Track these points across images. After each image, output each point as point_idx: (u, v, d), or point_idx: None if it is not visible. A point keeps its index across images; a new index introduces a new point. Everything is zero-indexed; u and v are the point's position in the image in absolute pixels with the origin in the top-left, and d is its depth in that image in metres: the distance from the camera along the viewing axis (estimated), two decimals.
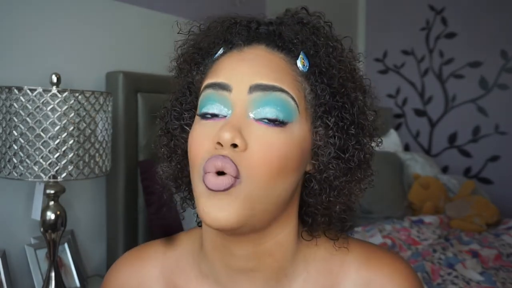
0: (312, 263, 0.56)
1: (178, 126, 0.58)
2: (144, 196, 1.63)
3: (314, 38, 0.53)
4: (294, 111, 0.49)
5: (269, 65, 0.51)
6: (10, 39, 1.38)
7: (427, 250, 1.69)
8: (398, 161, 2.43)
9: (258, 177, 0.47)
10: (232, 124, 0.47)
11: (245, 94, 0.49)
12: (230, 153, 0.47)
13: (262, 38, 0.53)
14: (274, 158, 0.47)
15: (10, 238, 1.38)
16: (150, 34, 1.80)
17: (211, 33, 0.57)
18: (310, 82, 0.52)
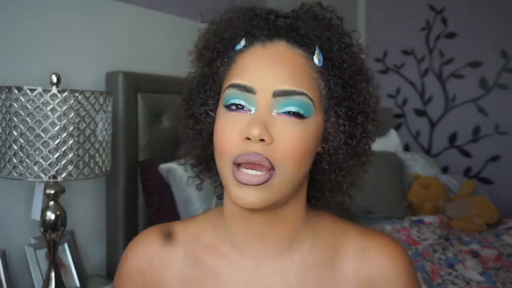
0: (318, 233, 0.64)
1: (203, 111, 0.63)
2: (144, 196, 1.63)
3: (328, 33, 0.58)
4: (311, 108, 0.56)
5: (290, 66, 0.56)
6: (10, 39, 1.38)
7: (427, 250, 1.69)
8: (398, 161, 2.43)
9: (287, 167, 0.54)
10: (259, 120, 0.53)
11: (269, 97, 0.55)
12: (259, 147, 0.53)
13: (282, 34, 0.58)
14: (297, 149, 0.54)
15: (10, 238, 1.38)
16: (150, 34, 1.80)
17: (233, 24, 0.61)
18: (324, 76, 0.58)
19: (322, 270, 0.62)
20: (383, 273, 0.62)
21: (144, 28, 1.78)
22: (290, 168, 0.54)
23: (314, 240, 0.63)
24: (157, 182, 1.59)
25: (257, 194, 0.54)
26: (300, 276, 0.61)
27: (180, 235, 0.67)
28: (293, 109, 0.54)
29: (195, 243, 0.66)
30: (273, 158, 0.53)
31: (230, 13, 0.63)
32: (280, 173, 0.54)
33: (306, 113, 0.55)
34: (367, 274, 0.62)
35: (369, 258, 0.62)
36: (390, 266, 0.62)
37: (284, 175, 0.54)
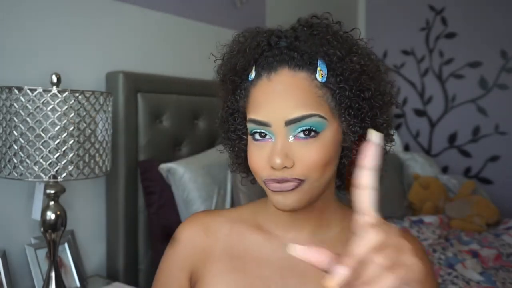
0: (345, 222, 0.72)
1: (237, 137, 0.73)
2: (144, 196, 1.63)
3: (325, 48, 0.63)
4: (323, 123, 0.62)
5: (294, 92, 0.62)
6: (10, 39, 1.38)
7: (427, 250, 1.69)
8: (398, 161, 2.43)
9: (313, 176, 0.62)
10: (279, 149, 0.61)
11: (283, 126, 0.62)
12: (283, 172, 0.61)
13: (284, 60, 0.63)
14: (318, 163, 0.61)
15: (10, 238, 1.38)
16: (150, 34, 1.80)
17: (242, 55, 0.67)
18: (330, 89, 0.63)
19: None
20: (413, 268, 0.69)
21: (144, 28, 1.78)
22: (316, 177, 0.62)
23: (342, 227, 0.72)
24: (157, 182, 1.59)
25: (292, 197, 0.62)
26: None
27: (226, 216, 0.77)
28: (307, 129, 0.61)
29: (240, 222, 0.76)
30: (298, 174, 0.61)
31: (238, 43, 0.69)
32: (308, 181, 0.62)
33: (319, 129, 0.62)
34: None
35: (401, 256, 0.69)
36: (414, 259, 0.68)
37: (312, 182, 0.62)
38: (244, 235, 0.74)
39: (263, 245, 0.72)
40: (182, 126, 1.77)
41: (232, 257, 0.72)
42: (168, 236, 1.54)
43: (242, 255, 0.72)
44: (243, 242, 0.73)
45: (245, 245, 0.73)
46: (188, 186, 1.53)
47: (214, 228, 0.76)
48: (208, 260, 0.74)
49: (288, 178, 0.61)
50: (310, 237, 0.71)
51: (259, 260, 0.71)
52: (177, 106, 1.74)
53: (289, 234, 0.72)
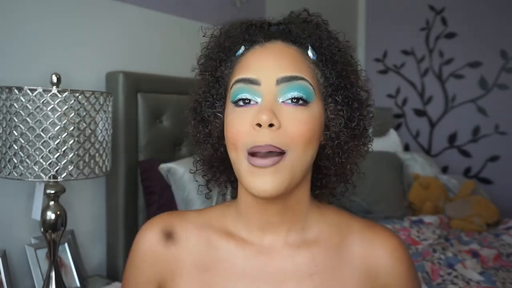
0: (323, 223, 0.69)
1: (212, 113, 0.68)
2: (144, 196, 1.63)
3: (318, 32, 0.65)
4: (312, 93, 0.61)
5: (289, 57, 0.62)
6: (11, 39, 1.38)
7: (427, 250, 1.69)
8: (398, 161, 2.43)
9: (296, 149, 0.59)
10: (267, 107, 0.58)
11: (273, 85, 0.60)
12: (269, 135, 0.57)
13: (277, 35, 0.65)
14: (305, 131, 0.59)
15: (10, 238, 1.38)
16: (150, 34, 1.80)
17: (231, 34, 0.67)
18: (319, 67, 0.64)
19: (327, 257, 0.67)
20: (385, 264, 0.67)
21: (144, 28, 1.78)
22: (300, 151, 0.59)
23: (320, 229, 0.68)
24: (157, 182, 1.59)
25: (271, 178, 0.58)
26: (308, 261, 0.66)
27: (193, 221, 0.71)
28: (296, 95, 0.60)
29: (208, 228, 0.70)
30: (283, 142, 0.58)
31: (228, 26, 0.69)
32: (291, 155, 0.59)
33: (308, 97, 0.60)
34: (370, 263, 0.67)
35: (373, 249, 0.67)
36: (391, 257, 0.67)
37: (294, 157, 0.59)
38: (214, 244, 0.68)
39: (235, 254, 0.66)
40: (182, 126, 1.76)
41: (202, 271, 0.67)
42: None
43: (212, 267, 0.66)
44: (213, 253, 0.67)
45: (215, 256, 0.67)
46: (188, 186, 1.53)
47: (180, 235, 0.69)
48: (176, 273, 0.68)
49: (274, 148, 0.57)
50: (286, 247, 0.66)
51: (232, 272, 0.66)
52: (177, 106, 1.74)
53: (263, 240, 0.67)
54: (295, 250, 0.66)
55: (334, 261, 0.66)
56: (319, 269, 0.65)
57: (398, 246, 0.68)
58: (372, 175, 2.07)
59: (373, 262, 0.67)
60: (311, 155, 0.62)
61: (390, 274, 0.66)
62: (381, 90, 3.22)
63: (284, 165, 0.58)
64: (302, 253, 0.66)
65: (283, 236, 0.67)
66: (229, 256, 0.67)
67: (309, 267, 0.65)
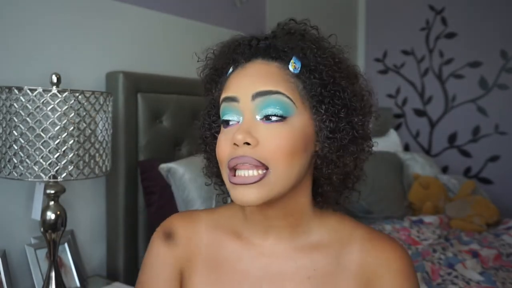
0: (325, 229, 0.71)
1: (210, 135, 0.72)
2: (144, 196, 1.63)
3: (301, 43, 0.65)
4: (291, 107, 0.62)
5: (266, 74, 0.63)
6: (10, 39, 1.38)
7: (427, 250, 1.69)
8: (398, 161, 2.43)
9: (279, 164, 0.60)
10: (243, 127, 0.61)
11: (250, 101, 0.62)
12: (246, 150, 0.60)
13: (259, 53, 0.66)
14: (284, 147, 0.60)
15: (10, 238, 1.38)
16: (150, 34, 1.80)
17: (222, 56, 0.70)
18: (302, 80, 0.64)
19: (326, 262, 0.68)
20: (382, 274, 0.67)
21: (144, 28, 1.78)
22: (283, 166, 0.60)
23: (322, 235, 0.70)
24: (157, 182, 1.59)
25: (252, 191, 0.60)
26: (308, 264, 0.68)
27: (204, 222, 0.75)
28: (271, 111, 0.61)
29: (218, 229, 0.74)
30: (263, 158, 0.60)
31: (221, 46, 0.71)
32: (275, 170, 0.60)
33: (286, 112, 0.61)
34: (368, 272, 0.67)
35: (372, 258, 0.68)
36: (389, 267, 0.67)
37: (279, 172, 0.61)
38: (223, 244, 0.72)
39: (241, 255, 0.71)
40: (182, 126, 1.77)
41: (212, 269, 0.71)
42: None
43: (221, 266, 0.71)
44: (221, 252, 0.72)
45: (223, 255, 0.72)
46: (188, 186, 1.53)
47: (195, 236, 0.74)
48: (191, 270, 0.73)
49: (249, 159, 0.59)
50: (288, 249, 0.69)
51: (238, 271, 0.70)
52: (177, 106, 1.74)
53: (267, 242, 0.70)
54: (296, 253, 0.69)
55: (333, 266, 0.68)
56: (317, 272, 0.68)
57: (398, 257, 0.68)
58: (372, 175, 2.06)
59: (370, 271, 0.67)
60: (299, 167, 0.63)
61: (386, 285, 0.66)
62: (381, 90, 3.22)
63: (268, 181, 0.60)
64: (303, 257, 0.69)
65: (286, 240, 0.69)
66: (235, 256, 0.71)
67: (308, 270, 0.68)
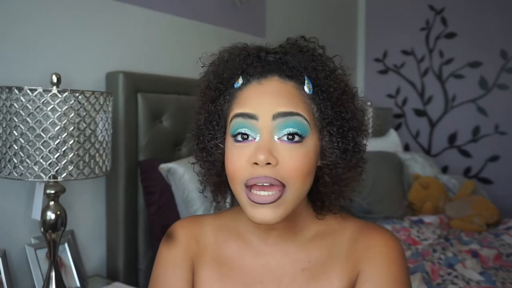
0: (321, 226, 0.75)
1: (214, 145, 0.72)
2: (144, 196, 1.63)
3: (314, 64, 0.67)
4: (307, 128, 0.64)
5: (285, 94, 0.64)
6: (10, 39, 1.38)
7: (427, 250, 1.69)
8: (398, 161, 2.43)
9: (295, 183, 0.63)
10: (264, 147, 0.62)
11: (270, 121, 0.63)
12: (267, 170, 0.61)
13: (274, 70, 0.66)
14: (301, 167, 0.62)
15: (10, 238, 1.38)
16: (150, 34, 1.80)
17: (229, 65, 0.69)
18: (315, 101, 0.66)
19: (319, 253, 0.73)
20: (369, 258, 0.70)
21: (144, 28, 1.78)
22: (298, 184, 0.63)
23: (317, 230, 0.74)
24: (157, 182, 1.59)
25: (272, 211, 0.62)
26: (303, 258, 0.73)
27: (210, 224, 0.79)
28: (291, 130, 0.62)
29: (223, 230, 0.78)
30: (282, 177, 0.62)
31: (226, 54, 0.71)
32: (290, 189, 0.63)
33: (303, 133, 0.63)
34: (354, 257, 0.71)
35: (360, 244, 0.71)
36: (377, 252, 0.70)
37: (294, 190, 0.63)
38: (228, 243, 0.76)
39: (244, 253, 0.75)
40: (182, 126, 1.77)
41: (220, 264, 0.75)
42: None
43: (227, 262, 0.75)
44: (227, 250, 0.76)
45: (228, 253, 0.76)
46: (188, 186, 1.53)
47: (201, 236, 0.78)
48: (200, 265, 0.77)
49: (270, 179, 0.61)
50: (286, 246, 0.73)
51: (242, 267, 0.74)
52: (177, 106, 1.74)
53: (268, 242, 0.74)
54: (294, 249, 0.73)
55: (324, 256, 0.72)
56: (310, 264, 0.72)
57: (384, 241, 0.71)
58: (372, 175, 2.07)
59: (357, 256, 0.70)
60: (308, 186, 0.66)
61: (371, 267, 0.69)
62: (381, 90, 3.23)
63: (285, 200, 0.63)
64: (299, 251, 0.73)
65: (285, 239, 0.73)
66: (239, 254, 0.75)
67: (303, 263, 0.72)
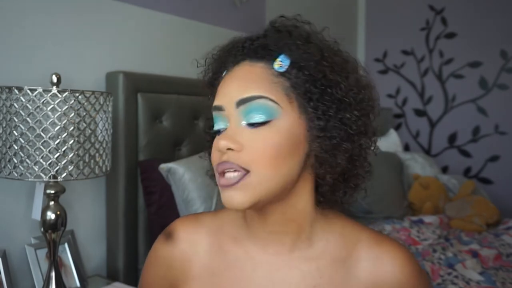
0: (330, 234, 0.68)
1: (210, 139, 0.72)
2: (144, 196, 1.63)
3: (288, 40, 0.63)
4: (275, 109, 0.60)
5: (248, 77, 0.62)
6: (10, 39, 1.38)
7: (427, 250, 1.69)
8: (398, 161, 2.43)
9: (260, 167, 0.59)
10: (226, 133, 0.61)
11: (234, 109, 0.62)
12: (229, 156, 0.60)
13: (247, 55, 0.65)
14: (268, 149, 0.59)
15: (10, 238, 1.38)
16: (150, 34, 1.80)
17: (218, 59, 0.69)
18: (288, 78, 0.62)
19: (333, 269, 0.66)
20: (393, 281, 0.65)
21: (144, 28, 1.78)
22: (265, 168, 0.59)
23: (327, 240, 0.68)
24: (157, 182, 1.59)
25: (237, 194, 0.59)
26: (313, 272, 0.66)
27: (207, 226, 0.74)
28: (255, 118, 0.60)
29: (220, 234, 0.72)
30: (244, 163, 0.59)
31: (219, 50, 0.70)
32: (256, 174, 0.59)
33: (269, 115, 0.60)
34: (377, 279, 0.66)
35: (381, 265, 0.66)
36: (400, 274, 0.65)
37: (261, 175, 0.59)
38: (224, 250, 0.71)
39: (244, 262, 0.68)
40: (182, 126, 1.77)
41: (211, 275, 0.69)
42: None
43: (221, 273, 0.69)
44: (222, 258, 0.70)
45: (224, 262, 0.70)
46: (188, 186, 1.53)
47: (195, 240, 0.73)
48: (188, 275, 0.71)
49: (232, 164, 0.59)
50: (292, 257, 0.67)
51: (240, 279, 0.68)
52: (177, 106, 1.74)
53: (269, 249, 0.68)
54: (301, 261, 0.67)
55: (340, 274, 0.66)
56: (324, 280, 0.66)
57: (407, 262, 0.66)
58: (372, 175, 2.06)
59: (380, 278, 0.65)
60: (287, 170, 0.61)
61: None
62: (381, 90, 3.22)
63: (248, 183, 0.59)
64: (308, 264, 0.67)
65: (289, 246, 0.67)
66: (237, 263, 0.69)
67: (314, 279, 0.66)
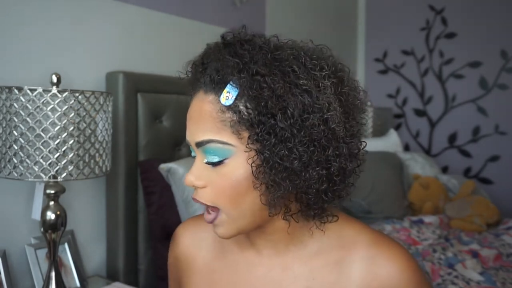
0: (324, 237, 0.67)
1: None
2: (144, 196, 1.63)
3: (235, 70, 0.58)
4: (226, 149, 0.60)
5: (199, 118, 0.61)
6: (10, 39, 1.38)
7: (427, 250, 1.69)
8: (398, 161, 2.43)
9: (226, 205, 0.61)
10: (192, 170, 0.63)
11: (196, 148, 0.63)
12: (198, 193, 0.63)
13: (200, 84, 0.63)
14: (226, 188, 0.60)
15: (10, 238, 1.38)
16: (150, 34, 1.80)
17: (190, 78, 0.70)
18: (234, 111, 0.58)
19: (327, 271, 0.66)
20: (390, 283, 0.63)
21: (144, 28, 1.78)
22: (231, 207, 0.61)
23: (321, 241, 0.67)
24: (157, 182, 1.59)
25: (219, 229, 0.64)
26: (306, 273, 0.67)
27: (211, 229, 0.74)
28: (210, 158, 0.61)
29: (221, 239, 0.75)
30: (211, 201, 0.62)
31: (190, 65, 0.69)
32: (225, 212, 0.62)
33: (222, 156, 0.60)
34: (374, 282, 0.63)
35: (378, 267, 0.64)
36: (398, 277, 0.63)
37: (229, 214, 0.62)
38: (224, 250, 0.75)
39: (240, 263, 0.72)
40: (182, 126, 1.76)
41: (211, 272, 0.74)
42: (168, 236, 1.54)
43: (219, 271, 0.73)
44: (221, 258, 0.74)
45: (223, 261, 0.74)
46: (188, 186, 1.53)
47: (200, 240, 0.78)
48: (191, 270, 0.76)
49: (203, 203, 0.63)
50: (286, 259, 0.68)
51: (236, 278, 0.71)
52: (177, 106, 1.74)
53: (265, 253, 0.70)
54: (295, 262, 0.68)
55: (334, 275, 0.65)
56: (317, 282, 0.65)
57: (406, 266, 0.63)
58: (372, 175, 2.07)
59: (377, 282, 0.63)
60: (250, 205, 0.60)
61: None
62: (381, 90, 3.23)
63: (223, 220, 0.63)
64: (301, 266, 0.68)
65: (282, 250, 0.69)
66: (234, 264, 0.72)
67: (307, 280, 0.66)
